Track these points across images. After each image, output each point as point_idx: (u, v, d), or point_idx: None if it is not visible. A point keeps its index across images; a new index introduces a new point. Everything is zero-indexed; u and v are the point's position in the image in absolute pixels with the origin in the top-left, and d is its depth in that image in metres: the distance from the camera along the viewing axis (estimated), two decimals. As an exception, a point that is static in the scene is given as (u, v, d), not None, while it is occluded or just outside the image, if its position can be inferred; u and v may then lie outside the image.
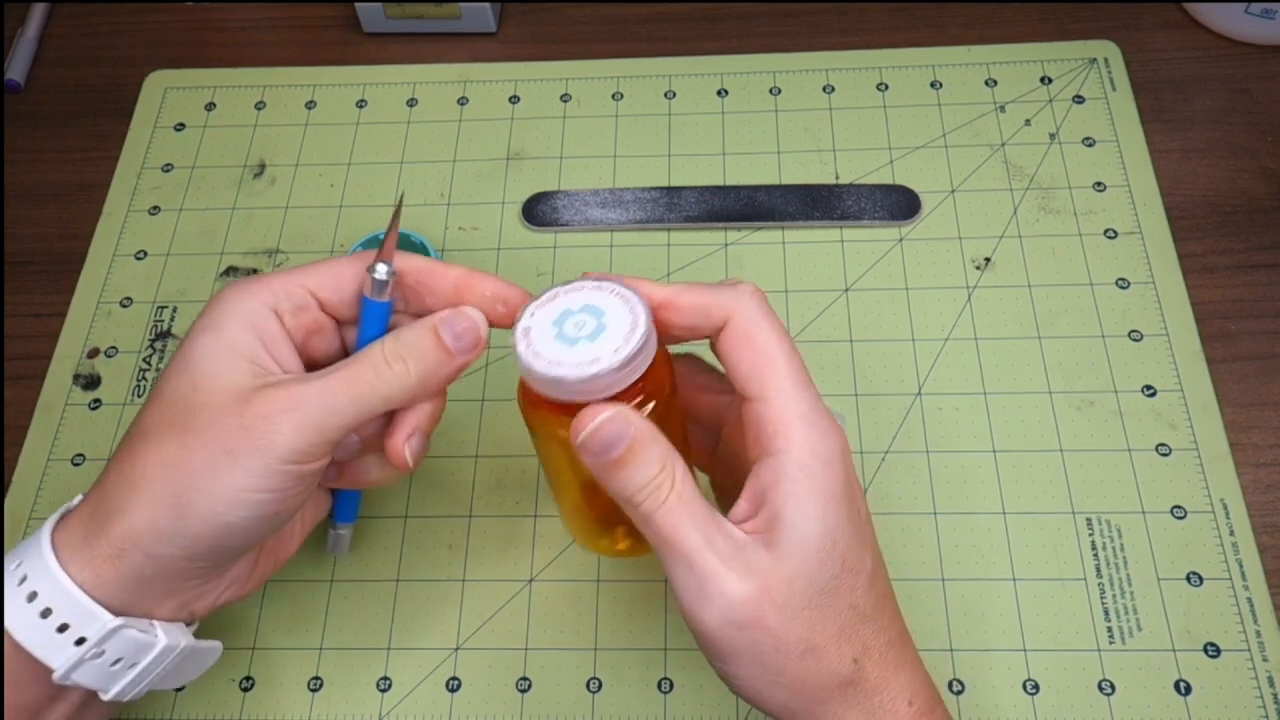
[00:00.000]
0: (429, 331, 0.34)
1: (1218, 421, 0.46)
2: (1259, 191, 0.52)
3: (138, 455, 0.32)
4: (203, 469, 0.31)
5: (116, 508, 0.32)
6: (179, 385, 0.33)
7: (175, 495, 0.32)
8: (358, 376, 0.33)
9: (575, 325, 0.31)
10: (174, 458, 0.32)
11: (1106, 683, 0.41)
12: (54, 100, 0.60)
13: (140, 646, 0.33)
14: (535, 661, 0.42)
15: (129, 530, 0.32)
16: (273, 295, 0.34)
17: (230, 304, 0.34)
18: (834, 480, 0.31)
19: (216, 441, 0.32)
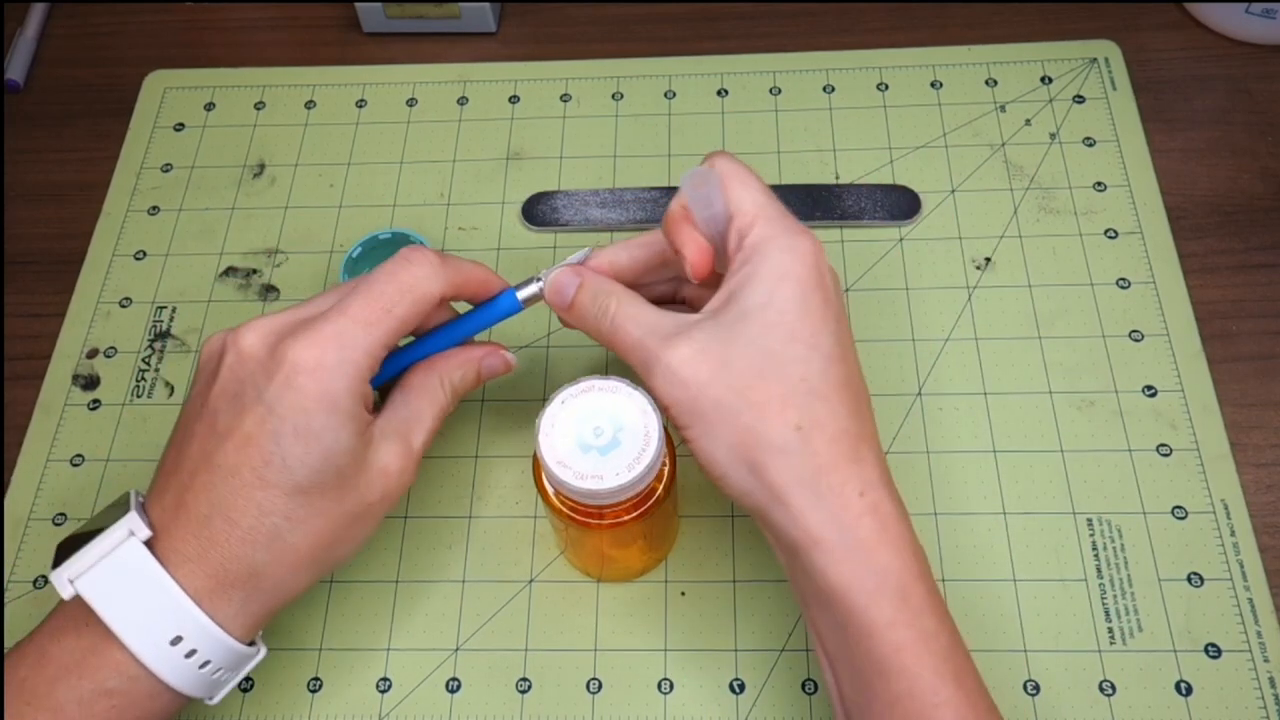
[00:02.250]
0: (475, 375, 0.40)
1: (1218, 421, 0.46)
2: (1259, 191, 0.52)
3: (298, 542, 0.35)
4: (351, 537, 0.37)
5: (283, 586, 0.36)
6: (325, 481, 0.35)
7: (331, 563, 0.37)
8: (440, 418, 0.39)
9: (594, 433, 0.36)
10: (331, 541, 0.36)
11: (1107, 683, 0.41)
12: (53, 100, 0.60)
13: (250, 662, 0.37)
14: (535, 662, 0.42)
15: (286, 599, 0.36)
16: (371, 373, 0.36)
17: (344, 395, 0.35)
18: (793, 265, 0.34)
19: (369, 519, 0.37)
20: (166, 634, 0.33)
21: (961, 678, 0.33)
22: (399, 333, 0.37)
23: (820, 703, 0.41)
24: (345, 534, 0.36)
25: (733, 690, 0.41)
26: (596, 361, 0.49)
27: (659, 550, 0.43)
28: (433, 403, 0.38)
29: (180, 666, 0.34)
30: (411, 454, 0.37)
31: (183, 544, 0.34)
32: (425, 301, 0.37)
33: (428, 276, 0.37)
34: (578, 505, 0.37)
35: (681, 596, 0.43)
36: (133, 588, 0.34)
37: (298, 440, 0.34)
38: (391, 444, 0.37)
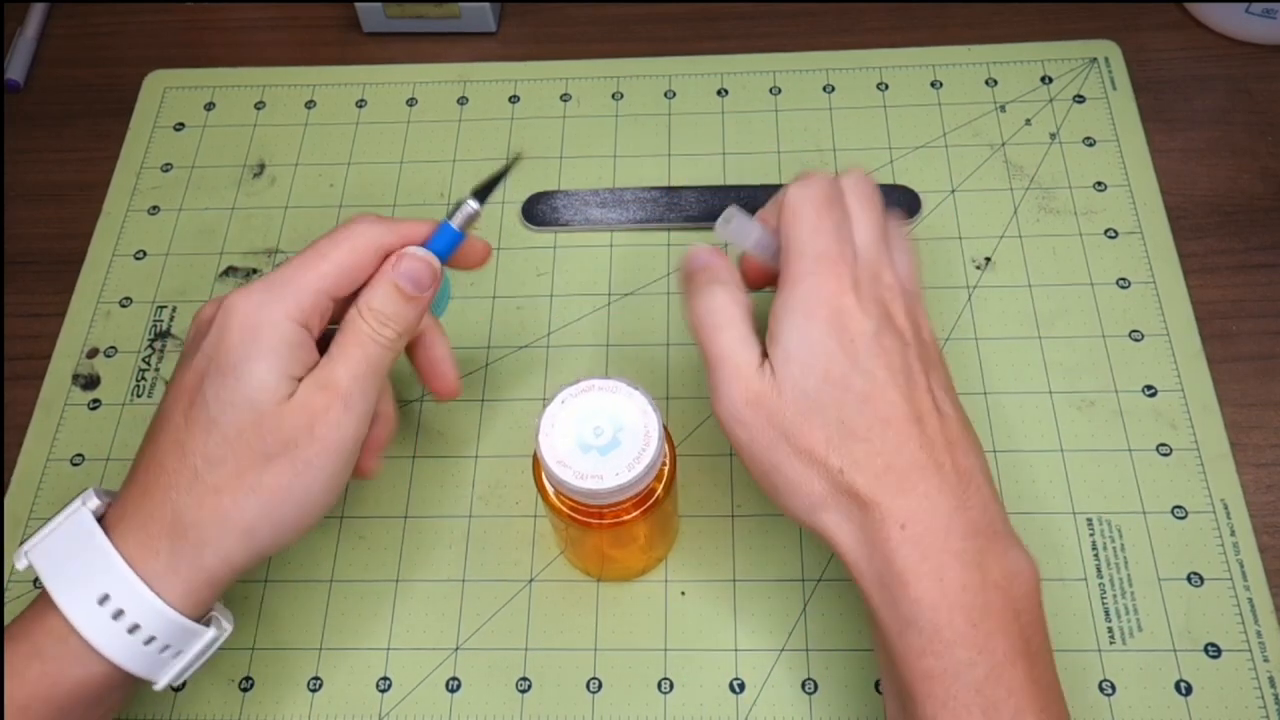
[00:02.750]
0: (393, 290, 0.37)
1: (1218, 421, 0.46)
2: (1259, 191, 0.52)
3: (219, 483, 0.34)
4: (285, 487, 0.35)
5: (209, 542, 0.34)
6: (241, 417, 0.34)
7: (274, 528, 0.35)
8: (369, 349, 0.36)
9: (594, 433, 0.36)
10: (268, 495, 0.35)
11: (1107, 683, 0.41)
12: (53, 100, 0.60)
13: (212, 644, 0.36)
14: (535, 661, 0.42)
15: (230, 565, 0.35)
16: (301, 311, 0.36)
17: (267, 328, 0.35)
18: (817, 307, 0.35)
19: (298, 466, 0.35)
20: (94, 591, 0.33)
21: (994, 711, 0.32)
22: (334, 277, 0.36)
23: (820, 702, 0.41)
24: (273, 481, 0.34)
25: (733, 690, 0.41)
26: (596, 361, 0.49)
27: (659, 550, 0.43)
28: (354, 334, 0.36)
29: (109, 629, 0.33)
30: (337, 390, 0.35)
31: (125, 502, 0.35)
32: (362, 247, 0.37)
33: (364, 224, 0.37)
34: (578, 505, 0.37)
35: (681, 596, 0.43)
36: (70, 548, 0.34)
37: (218, 377, 0.34)
38: (313, 382, 0.35)
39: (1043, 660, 0.34)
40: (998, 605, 0.33)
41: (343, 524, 0.45)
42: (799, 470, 0.35)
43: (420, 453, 0.47)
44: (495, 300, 0.51)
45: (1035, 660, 0.33)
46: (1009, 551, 0.34)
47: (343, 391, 0.35)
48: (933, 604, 0.33)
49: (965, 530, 0.34)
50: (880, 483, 0.34)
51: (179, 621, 0.34)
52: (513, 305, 0.51)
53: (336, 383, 0.35)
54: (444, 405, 0.48)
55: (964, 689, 0.32)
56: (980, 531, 0.34)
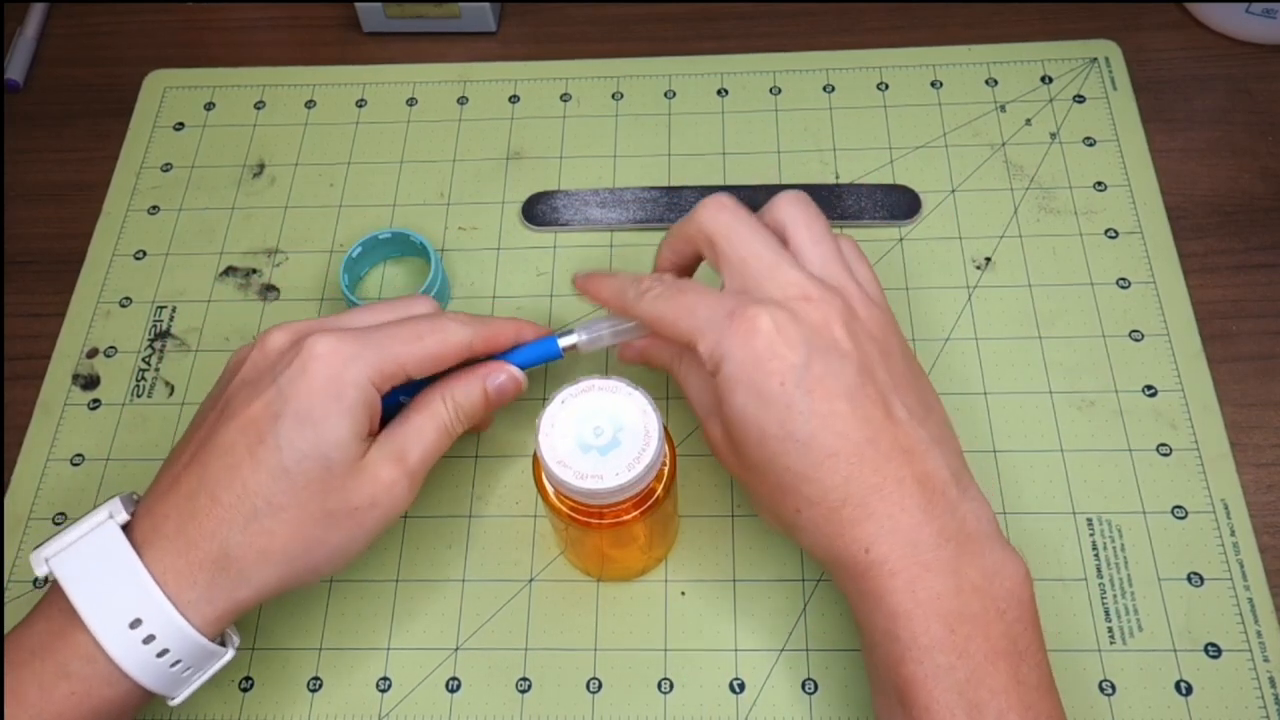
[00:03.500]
0: (481, 393, 0.40)
1: (1218, 421, 0.46)
2: (1259, 191, 0.52)
3: (274, 528, 0.35)
4: (333, 541, 0.36)
5: (249, 578, 0.35)
6: (313, 470, 0.35)
7: (307, 568, 0.36)
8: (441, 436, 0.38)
9: (594, 433, 0.36)
10: (310, 534, 0.35)
11: (1107, 683, 0.41)
12: (53, 100, 0.60)
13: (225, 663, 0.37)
14: (535, 661, 0.42)
15: (261, 599, 0.36)
16: (382, 379, 0.37)
17: (352, 386, 0.36)
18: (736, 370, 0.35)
19: (353, 528, 0.36)
20: (127, 615, 0.33)
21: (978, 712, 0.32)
22: (421, 361, 0.38)
23: (820, 703, 0.41)
24: (325, 535, 0.36)
25: (733, 690, 0.41)
26: (597, 362, 0.49)
27: (659, 550, 0.43)
28: (433, 418, 0.38)
29: (139, 653, 0.33)
30: (406, 466, 0.37)
31: (163, 521, 0.35)
32: (453, 344, 0.38)
33: (458, 322, 0.39)
34: (578, 505, 0.37)
35: (681, 596, 0.43)
36: (101, 567, 0.34)
37: (295, 423, 0.35)
38: (386, 453, 0.37)
39: (1030, 658, 0.34)
40: (976, 608, 0.33)
41: (343, 524, 0.45)
42: (769, 507, 0.37)
43: (420, 453, 0.47)
44: (495, 300, 0.51)
45: (1021, 659, 0.33)
46: (989, 553, 0.34)
47: (411, 469, 0.37)
48: (907, 614, 0.33)
49: (934, 539, 0.34)
50: (837, 516, 0.34)
51: (206, 646, 0.35)
52: (513, 305, 0.51)
53: (408, 459, 0.37)
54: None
55: (946, 692, 0.32)
56: (951, 537, 0.34)
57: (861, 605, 0.35)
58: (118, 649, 0.33)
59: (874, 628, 0.34)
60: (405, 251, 0.52)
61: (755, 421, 0.35)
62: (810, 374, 0.34)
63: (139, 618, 0.33)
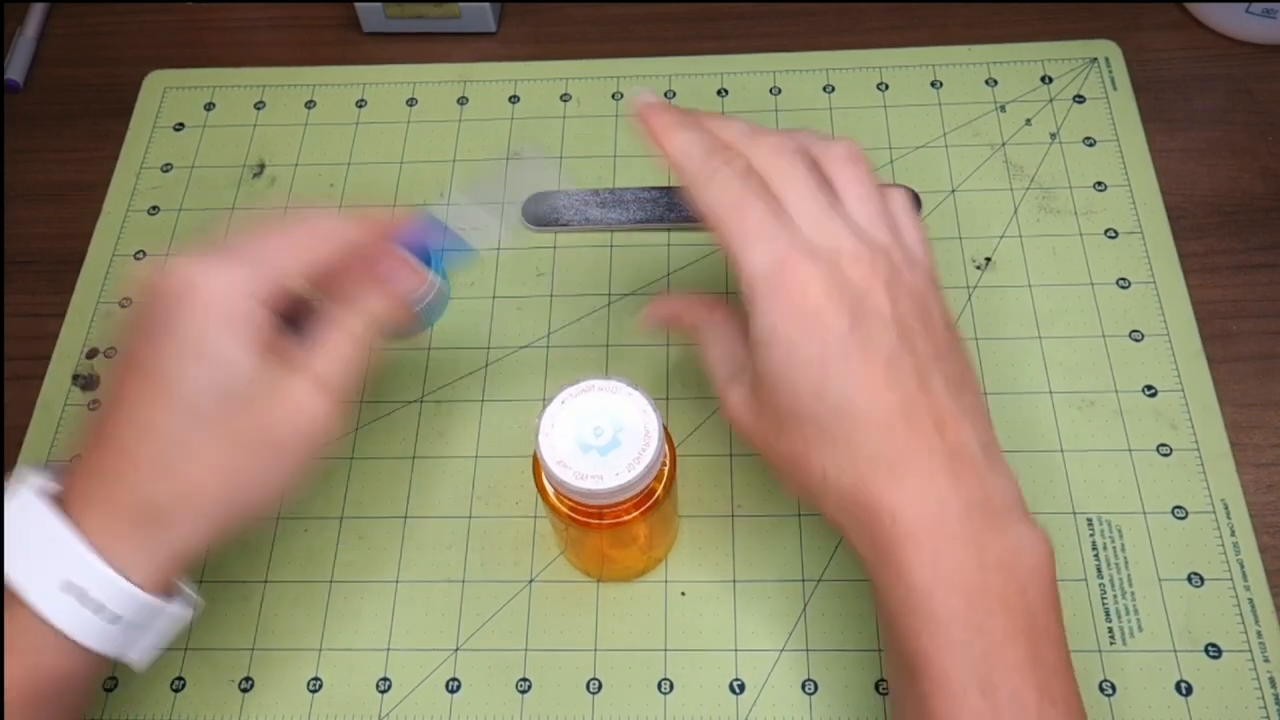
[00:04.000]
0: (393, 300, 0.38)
1: (1218, 421, 0.46)
2: (1259, 191, 0.52)
3: (190, 465, 0.33)
4: (258, 474, 0.34)
5: (179, 524, 0.34)
6: (219, 405, 0.33)
7: (239, 505, 0.35)
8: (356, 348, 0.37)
9: (594, 433, 0.36)
10: (230, 468, 0.34)
11: (1107, 683, 0.41)
12: (53, 100, 0.60)
13: (181, 619, 0.36)
14: (535, 662, 0.42)
15: (196, 537, 0.34)
16: (270, 296, 0.35)
17: (240, 309, 0.34)
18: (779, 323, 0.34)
19: (281, 458, 0.35)
20: (57, 578, 0.32)
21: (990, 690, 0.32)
22: (303, 265, 0.36)
23: (820, 702, 0.41)
24: (248, 468, 0.34)
25: (733, 690, 0.41)
26: (596, 362, 0.49)
27: (659, 550, 0.43)
28: (343, 331, 0.36)
29: (78, 616, 0.32)
30: (321, 384, 0.35)
31: (84, 483, 0.34)
32: (328, 238, 0.37)
33: (328, 216, 0.38)
34: (578, 505, 0.37)
35: (681, 596, 0.43)
36: (27, 535, 0.33)
37: (186, 357, 0.33)
38: (299, 375, 0.35)
39: (1049, 638, 0.33)
40: (997, 584, 0.33)
41: (343, 524, 0.45)
42: (791, 470, 0.36)
43: (420, 453, 0.47)
44: (495, 300, 0.51)
45: (1040, 638, 0.33)
46: (1012, 527, 0.34)
47: (335, 389, 0.35)
48: (927, 588, 0.32)
49: (960, 511, 0.33)
50: (865, 482, 0.34)
51: (149, 602, 0.33)
52: (513, 305, 0.51)
53: (324, 379, 0.35)
54: (444, 405, 0.48)
55: (959, 668, 0.32)
56: (977, 510, 0.33)
57: (881, 574, 0.34)
58: (55, 613, 0.32)
59: (892, 598, 0.33)
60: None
61: (789, 380, 0.34)
62: (851, 338, 0.34)
63: (69, 579, 0.32)
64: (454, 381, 0.49)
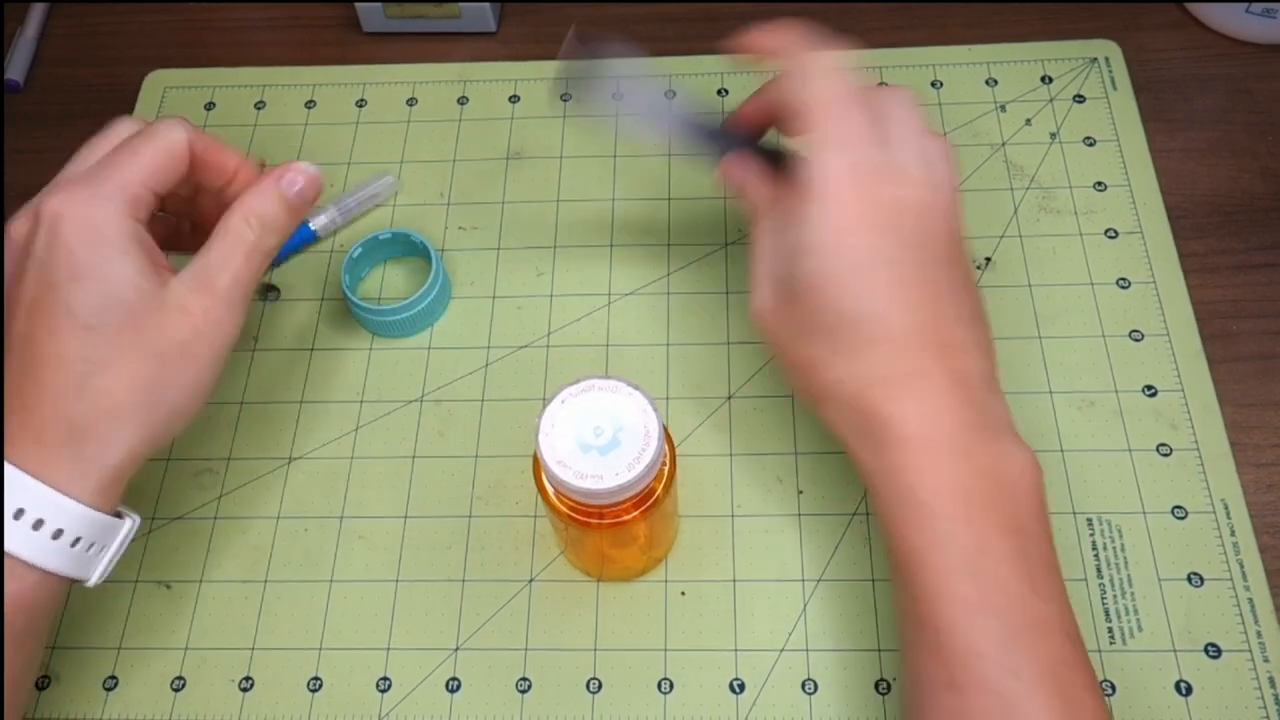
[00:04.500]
0: (279, 200, 0.39)
1: (1218, 421, 0.46)
2: (1259, 191, 0.52)
3: (108, 384, 0.34)
4: (170, 379, 0.36)
5: (109, 438, 0.35)
6: (119, 318, 0.35)
7: (163, 412, 0.36)
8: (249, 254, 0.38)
9: (594, 432, 0.36)
10: (140, 377, 0.35)
11: (1107, 683, 0.41)
12: (53, 100, 0.60)
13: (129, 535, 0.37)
14: (535, 662, 0.42)
15: (131, 453, 0.35)
16: (134, 209, 0.36)
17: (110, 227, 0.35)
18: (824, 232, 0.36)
19: (189, 363, 0.36)
20: (10, 507, 0.33)
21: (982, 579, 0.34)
22: (157, 173, 0.37)
23: (820, 702, 0.41)
24: (164, 375, 0.35)
25: (733, 690, 0.41)
26: (596, 361, 0.49)
27: (659, 550, 0.43)
28: (235, 239, 0.37)
29: (34, 540, 0.33)
30: (215, 292, 0.36)
31: (9, 425, 0.34)
32: (172, 144, 0.37)
33: (167, 123, 0.38)
34: (578, 505, 0.37)
35: (681, 596, 0.43)
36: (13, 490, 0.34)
37: (73, 282, 0.34)
38: (192, 283, 0.36)
39: (1035, 540, 0.35)
40: (987, 488, 0.35)
41: (343, 524, 0.45)
42: (805, 374, 0.38)
43: (420, 453, 0.47)
44: (495, 300, 0.51)
45: (1027, 538, 0.35)
46: (1003, 443, 0.36)
47: (224, 295, 0.37)
48: (921, 487, 0.35)
49: (957, 427, 0.35)
50: (871, 393, 0.36)
51: (99, 519, 0.35)
52: (513, 305, 0.51)
53: (218, 287, 0.36)
54: (444, 405, 0.48)
55: (949, 557, 0.34)
56: (972, 427, 0.36)
57: (879, 478, 0.36)
58: (13, 541, 0.33)
59: (888, 498, 0.36)
60: (406, 251, 0.52)
61: (819, 290, 0.36)
62: (884, 258, 0.36)
63: (21, 507, 0.33)
64: (454, 381, 0.49)
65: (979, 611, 0.33)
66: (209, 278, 0.37)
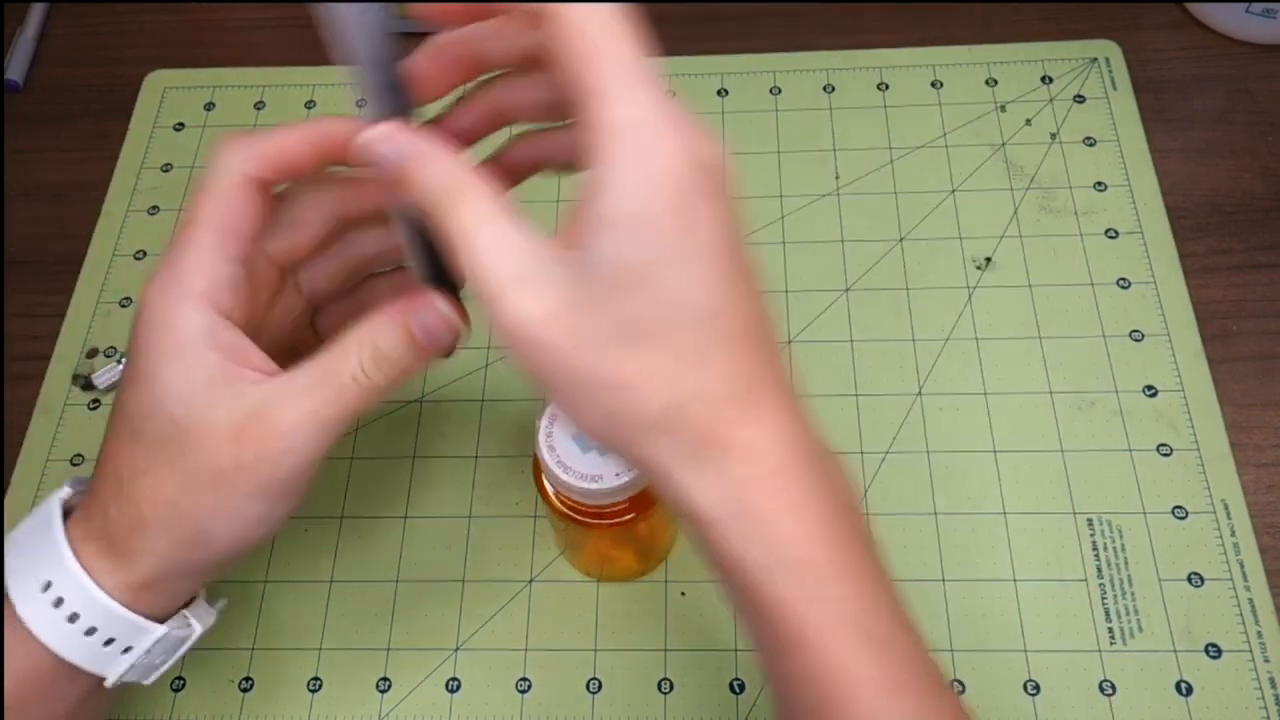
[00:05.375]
0: (404, 334, 0.32)
1: (1219, 422, 0.46)
2: (1259, 191, 0.52)
3: (139, 496, 0.32)
4: (217, 509, 0.31)
5: (135, 549, 0.32)
6: (161, 429, 0.31)
7: (193, 533, 0.32)
8: (338, 396, 0.31)
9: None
10: (170, 502, 0.31)
11: (1107, 683, 0.41)
12: (53, 100, 0.60)
13: (176, 643, 0.34)
14: (535, 662, 0.42)
15: (157, 567, 0.32)
16: (202, 293, 0.32)
17: (171, 323, 0.31)
18: (652, 193, 0.26)
19: (210, 482, 0.31)
20: (40, 577, 0.31)
21: (880, 645, 0.28)
22: (219, 244, 0.32)
23: (820, 703, 0.41)
24: (198, 500, 0.31)
25: (733, 690, 0.41)
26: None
27: (659, 551, 0.43)
28: (333, 367, 0.31)
29: (49, 617, 0.31)
30: (276, 428, 0.30)
31: (85, 500, 0.34)
32: (230, 186, 0.32)
33: (225, 154, 0.33)
34: (577, 505, 0.37)
35: (681, 596, 0.43)
36: (33, 538, 0.33)
37: (132, 384, 0.32)
38: (253, 406, 0.31)
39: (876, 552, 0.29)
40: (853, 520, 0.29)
41: (343, 524, 0.45)
42: (623, 399, 0.27)
43: (420, 453, 0.47)
44: (495, 300, 0.51)
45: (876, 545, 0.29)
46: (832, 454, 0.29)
47: (284, 434, 0.30)
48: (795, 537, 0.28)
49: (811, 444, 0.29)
50: (718, 409, 0.27)
51: (120, 613, 0.32)
52: (513, 305, 0.50)
53: (279, 422, 0.30)
54: (444, 405, 0.48)
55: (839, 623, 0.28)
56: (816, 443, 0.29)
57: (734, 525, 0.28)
58: (27, 610, 0.31)
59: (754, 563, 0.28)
60: (405, 251, 0.52)
61: (660, 267, 0.26)
62: (721, 234, 0.27)
63: (49, 580, 0.31)
64: (454, 381, 0.49)
65: (890, 696, 0.28)
66: (276, 408, 0.30)
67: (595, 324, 0.27)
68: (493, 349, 0.49)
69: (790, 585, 0.28)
